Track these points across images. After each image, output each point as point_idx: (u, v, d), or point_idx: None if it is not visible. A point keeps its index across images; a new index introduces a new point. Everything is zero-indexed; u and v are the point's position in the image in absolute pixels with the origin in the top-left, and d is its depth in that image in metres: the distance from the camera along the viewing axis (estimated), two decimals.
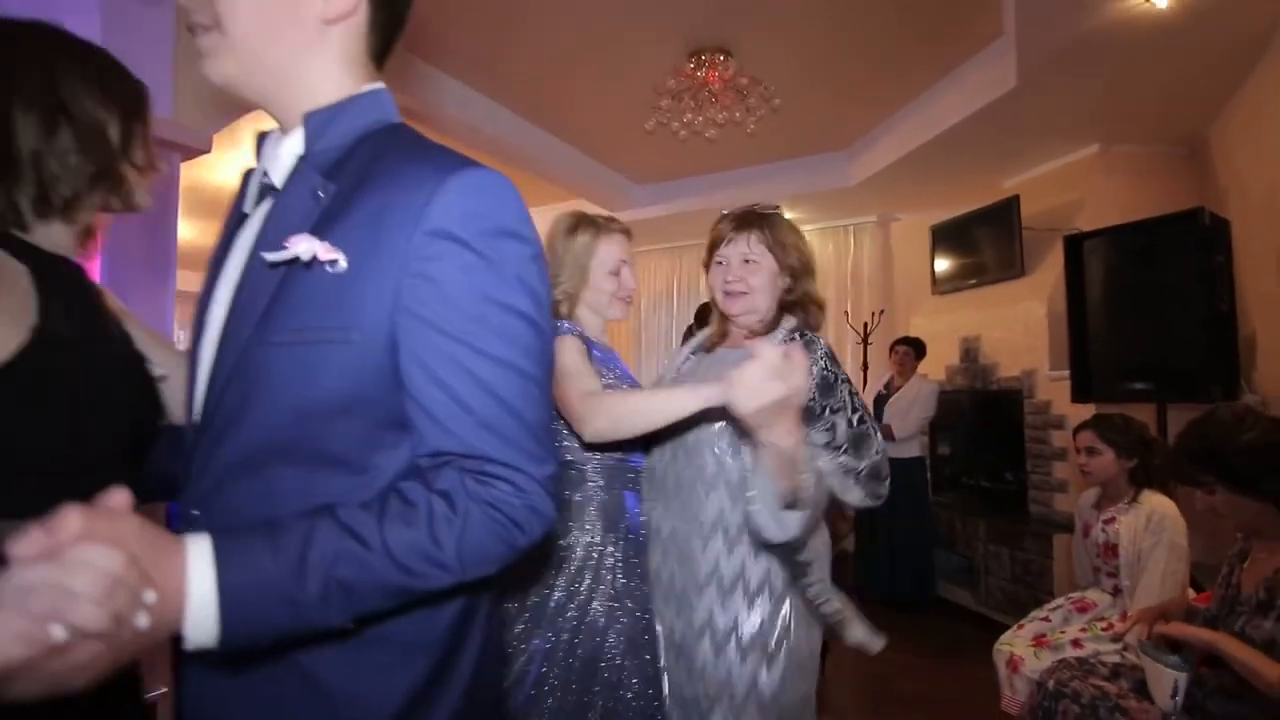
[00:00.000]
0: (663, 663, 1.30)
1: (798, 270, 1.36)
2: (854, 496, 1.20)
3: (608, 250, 1.46)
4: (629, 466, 1.37)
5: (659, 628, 1.32)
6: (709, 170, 5.07)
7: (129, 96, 0.82)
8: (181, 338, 1.87)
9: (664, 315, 6.49)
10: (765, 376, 0.92)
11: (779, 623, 1.23)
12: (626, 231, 1.54)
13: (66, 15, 2.29)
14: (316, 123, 0.68)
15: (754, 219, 1.37)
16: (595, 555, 1.29)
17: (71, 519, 0.44)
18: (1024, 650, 2.08)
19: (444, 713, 0.66)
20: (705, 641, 1.23)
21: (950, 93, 3.69)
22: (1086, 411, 3.08)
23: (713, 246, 1.42)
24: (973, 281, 4.27)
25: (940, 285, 4.58)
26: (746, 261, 1.35)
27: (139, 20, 2.25)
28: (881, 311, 5.06)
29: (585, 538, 1.30)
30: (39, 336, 0.70)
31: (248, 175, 0.76)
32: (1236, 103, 3.35)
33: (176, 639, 0.51)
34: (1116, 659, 1.83)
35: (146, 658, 1.28)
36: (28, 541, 0.44)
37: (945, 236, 4.54)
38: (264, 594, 0.52)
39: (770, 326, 1.35)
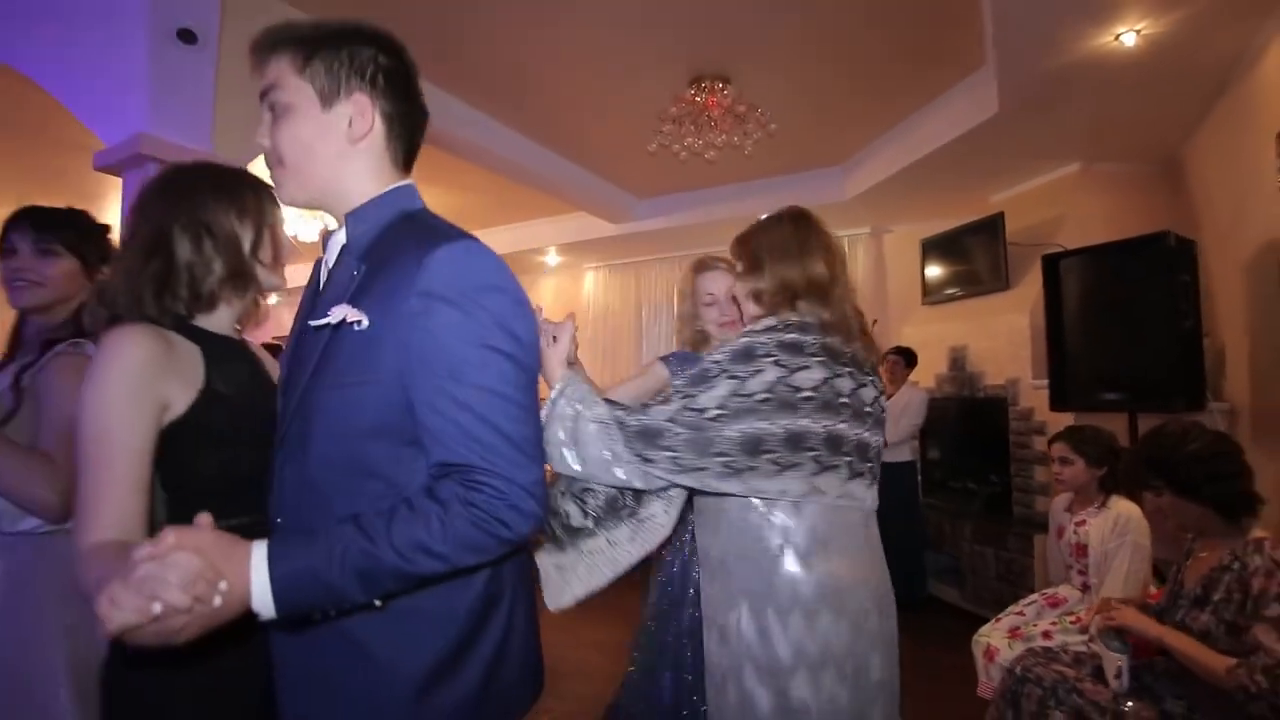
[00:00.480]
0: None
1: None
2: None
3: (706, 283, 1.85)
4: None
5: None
6: (708, 185, 5.26)
7: (260, 210, 1.04)
8: None
9: (664, 321, 6.68)
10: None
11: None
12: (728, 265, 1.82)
13: (117, 61, 2.49)
14: (353, 220, 0.91)
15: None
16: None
17: (168, 535, 0.67)
18: (999, 641, 2.28)
19: (463, 687, 0.85)
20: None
21: (937, 116, 3.88)
22: (1065, 419, 3.27)
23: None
24: (960, 293, 4.47)
25: (929, 296, 4.78)
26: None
27: (182, 64, 2.44)
28: (875, 321, 5.22)
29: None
30: (204, 395, 0.94)
31: (318, 264, 0.99)
32: (1206, 126, 3.54)
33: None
34: (1081, 648, 2.02)
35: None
36: (142, 549, 0.66)
37: (934, 249, 4.74)
38: (302, 581, 0.73)
39: None
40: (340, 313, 0.83)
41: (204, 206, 0.98)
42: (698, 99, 3.55)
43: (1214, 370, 3.43)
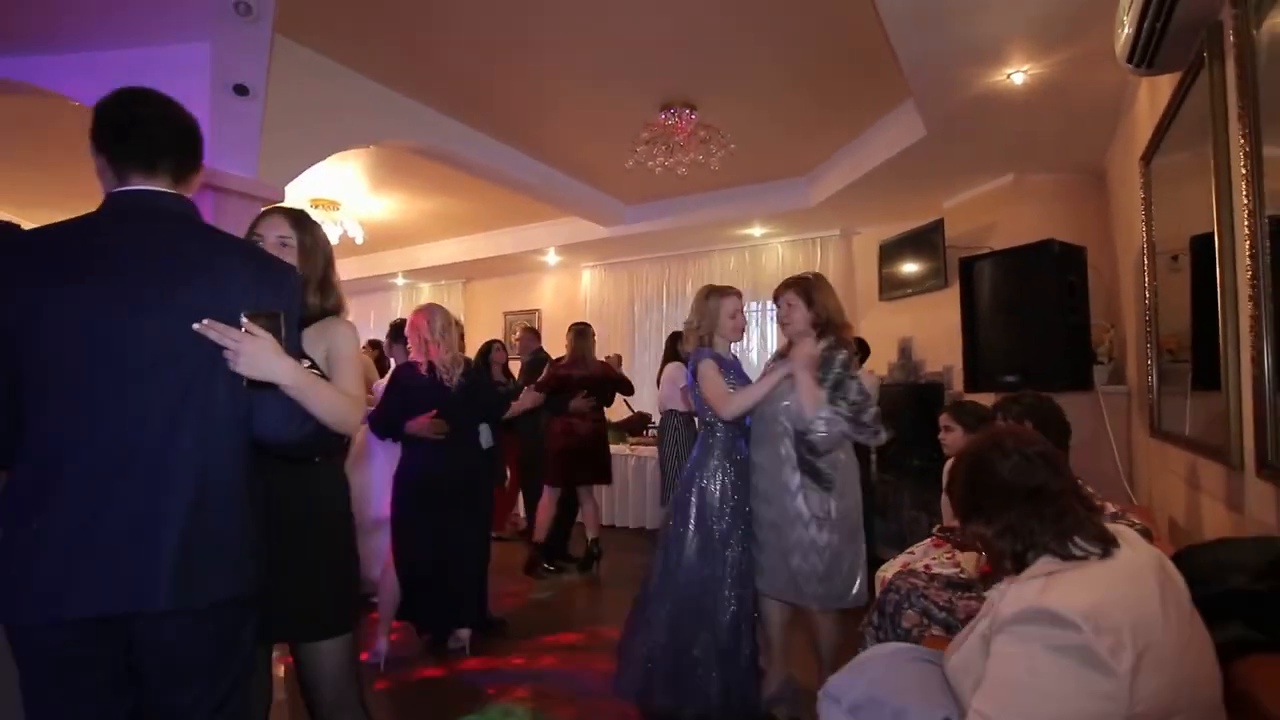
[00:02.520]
0: (760, 537, 2.52)
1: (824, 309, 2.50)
2: (847, 427, 2.37)
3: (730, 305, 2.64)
4: (743, 426, 2.59)
5: (760, 515, 2.52)
6: (688, 193, 5.80)
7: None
8: None
9: (656, 315, 7.25)
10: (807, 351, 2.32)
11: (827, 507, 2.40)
12: (739, 293, 2.71)
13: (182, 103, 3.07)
14: None
15: (791, 282, 2.59)
16: (722, 467, 2.55)
17: None
18: (891, 572, 2.82)
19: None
20: (792, 518, 2.41)
21: (886, 132, 4.39)
22: (987, 400, 3.79)
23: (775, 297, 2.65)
24: (909, 291, 4.99)
25: (886, 293, 5.30)
26: (789, 306, 2.53)
27: (238, 110, 3.03)
28: None
29: (716, 460, 2.55)
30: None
31: None
32: (1115, 144, 4.03)
33: None
34: (943, 572, 2.57)
35: None
36: None
37: (889, 251, 5.26)
38: None
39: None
40: None
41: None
42: (669, 123, 4.10)
43: (1118, 357, 3.93)
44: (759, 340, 6.69)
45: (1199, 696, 1.01)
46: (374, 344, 5.41)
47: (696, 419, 2.73)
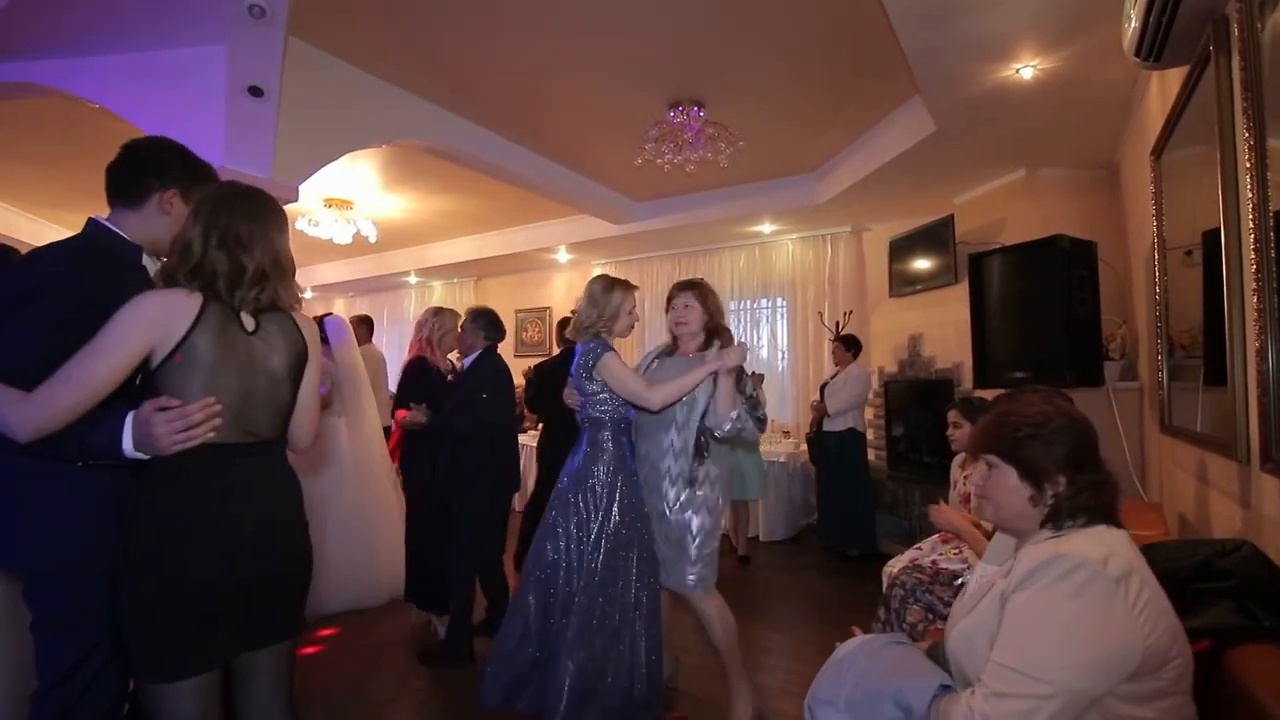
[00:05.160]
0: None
1: (714, 313, 2.52)
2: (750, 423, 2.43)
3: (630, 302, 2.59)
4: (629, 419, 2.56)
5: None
6: (697, 190, 5.82)
7: None
8: None
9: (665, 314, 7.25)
10: (736, 356, 2.27)
11: (698, 495, 2.43)
12: (636, 288, 2.67)
13: (200, 109, 3.14)
14: None
15: (687, 284, 2.62)
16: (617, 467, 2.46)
17: None
18: (898, 569, 2.83)
19: None
20: (667, 508, 2.45)
21: (894, 128, 4.38)
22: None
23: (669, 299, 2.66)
24: (919, 287, 4.98)
25: (896, 289, 5.29)
26: (686, 307, 2.52)
27: (252, 112, 3.08)
28: (850, 312, 5.77)
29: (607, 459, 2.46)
30: None
31: None
32: (1127, 138, 4.00)
33: None
34: (950, 567, 2.57)
35: None
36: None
37: (899, 247, 5.25)
38: None
39: (704, 345, 2.53)
40: None
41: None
42: (677, 120, 4.12)
43: (1129, 353, 3.90)
44: (769, 337, 6.69)
45: (1185, 648, 1.08)
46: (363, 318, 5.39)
47: (579, 416, 2.57)
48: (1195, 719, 1.12)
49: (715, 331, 2.57)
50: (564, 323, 4.79)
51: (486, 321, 3.20)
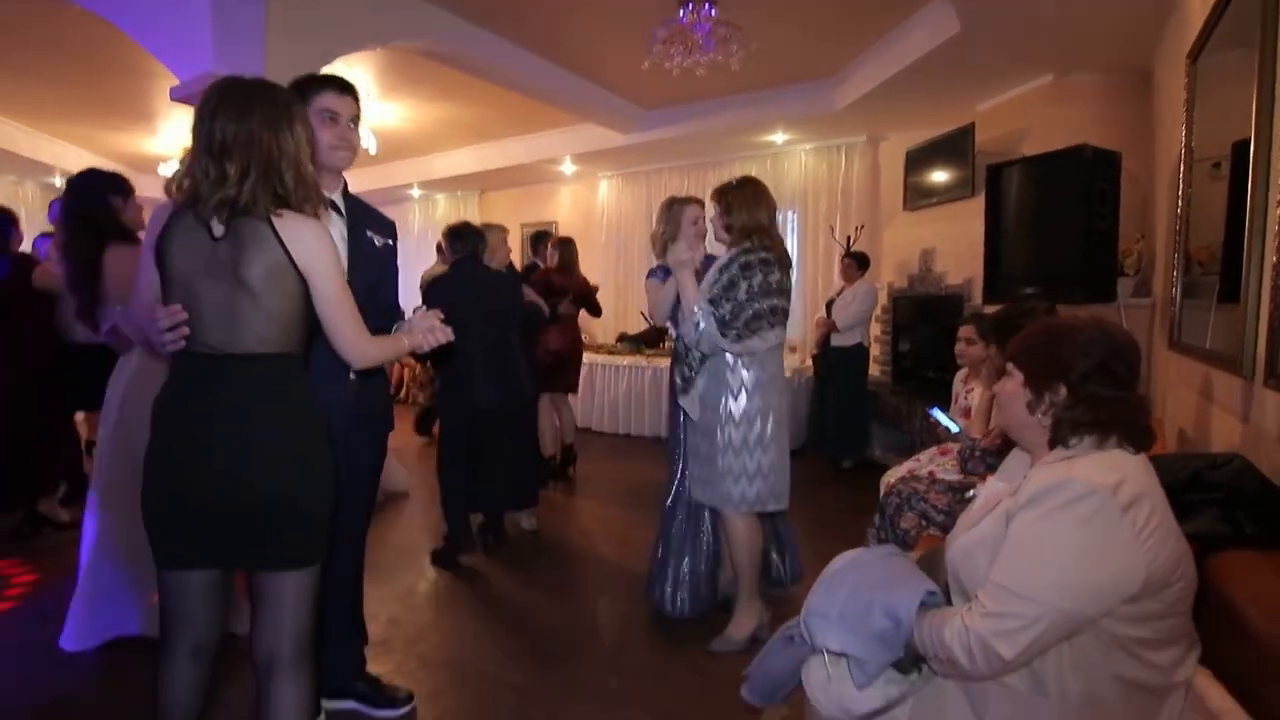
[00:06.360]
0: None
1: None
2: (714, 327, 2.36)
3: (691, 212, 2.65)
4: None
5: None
6: (711, 96, 5.57)
7: None
8: None
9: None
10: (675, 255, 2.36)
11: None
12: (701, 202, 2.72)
13: (183, 6, 2.99)
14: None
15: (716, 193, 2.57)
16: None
17: None
18: (894, 477, 2.90)
19: None
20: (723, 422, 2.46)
21: (915, 30, 4.13)
22: None
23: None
24: (935, 200, 4.84)
25: (910, 203, 5.15)
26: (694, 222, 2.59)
27: (241, 12, 2.94)
28: (861, 226, 5.64)
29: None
30: None
31: None
32: (1163, 40, 3.76)
33: None
34: (946, 478, 2.64)
35: None
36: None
37: (916, 159, 5.07)
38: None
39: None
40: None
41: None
42: (686, 20, 3.89)
43: (1145, 268, 3.83)
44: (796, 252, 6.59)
45: (1189, 571, 1.08)
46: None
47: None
48: (1194, 638, 1.13)
49: (746, 234, 2.44)
50: (537, 237, 4.80)
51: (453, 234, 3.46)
